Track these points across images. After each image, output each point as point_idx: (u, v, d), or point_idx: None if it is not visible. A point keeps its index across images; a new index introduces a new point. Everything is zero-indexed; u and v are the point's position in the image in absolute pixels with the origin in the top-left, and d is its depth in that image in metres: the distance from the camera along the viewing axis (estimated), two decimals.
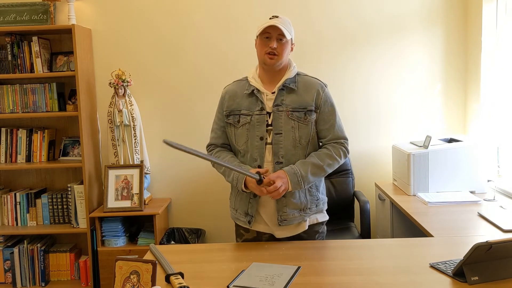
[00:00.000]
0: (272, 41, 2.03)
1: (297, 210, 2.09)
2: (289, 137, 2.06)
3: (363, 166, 3.41)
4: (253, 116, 2.08)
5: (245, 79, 2.18)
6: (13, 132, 3.34)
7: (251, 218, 2.12)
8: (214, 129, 2.25)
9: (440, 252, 1.90)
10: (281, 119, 2.06)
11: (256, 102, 2.09)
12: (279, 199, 2.06)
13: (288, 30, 2.05)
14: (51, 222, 3.35)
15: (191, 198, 3.52)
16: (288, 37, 2.04)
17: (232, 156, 2.16)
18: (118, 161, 3.24)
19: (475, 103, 3.24)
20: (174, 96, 3.45)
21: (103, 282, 3.19)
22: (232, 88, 2.20)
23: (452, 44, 3.35)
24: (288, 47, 2.09)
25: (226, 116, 2.16)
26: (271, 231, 2.14)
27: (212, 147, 2.25)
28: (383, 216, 3.13)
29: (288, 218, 2.08)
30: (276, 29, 2.02)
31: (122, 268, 1.57)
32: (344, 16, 3.34)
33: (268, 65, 2.07)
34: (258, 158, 2.07)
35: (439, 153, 2.83)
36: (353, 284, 1.64)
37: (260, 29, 2.04)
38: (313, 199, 2.14)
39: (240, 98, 2.13)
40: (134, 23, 3.39)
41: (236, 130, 2.13)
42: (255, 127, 2.07)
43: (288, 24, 2.08)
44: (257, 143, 2.07)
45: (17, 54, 3.22)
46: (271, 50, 2.03)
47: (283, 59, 2.07)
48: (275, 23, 2.01)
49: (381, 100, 3.39)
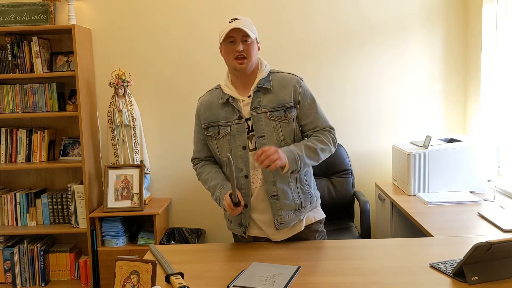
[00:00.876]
0: (238, 44, 1.96)
1: (292, 210, 2.04)
2: (272, 138, 2.00)
3: (363, 166, 3.41)
4: (232, 126, 2.02)
5: (218, 87, 2.12)
6: (13, 132, 3.34)
7: (245, 228, 2.08)
8: (195, 142, 2.18)
9: (440, 252, 1.90)
10: (262, 121, 2.00)
11: (233, 111, 2.02)
12: (273, 203, 2.01)
13: (251, 29, 1.98)
14: (51, 222, 3.35)
15: (191, 198, 3.52)
16: (252, 37, 1.98)
17: (216, 171, 2.11)
18: (118, 161, 3.24)
19: (475, 103, 3.24)
20: (174, 96, 3.45)
21: (103, 282, 3.19)
22: (206, 98, 2.14)
23: (452, 44, 3.35)
24: (255, 47, 2.02)
25: (205, 129, 2.09)
26: (268, 236, 2.10)
27: (197, 161, 2.20)
28: (383, 216, 3.13)
29: (285, 221, 2.03)
30: (239, 31, 1.94)
31: (122, 268, 1.57)
32: (344, 17, 3.34)
33: (240, 70, 2.00)
34: (244, 168, 2.01)
35: (439, 153, 2.83)
36: (353, 284, 1.64)
37: (223, 34, 1.95)
38: (306, 197, 2.09)
39: (216, 108, 2.06)
40: (134, 23, 3.40)
41: (217, 141, 2.06)
42: (236, 136, 2.02)
43: (250, 24, 2.00)
44: (240, 153, 2.01)
45: (17, 54, 3.22)
46: (239, 54, 1.96)
47: (253, 60, 2.00)
48: (236, 26, 1.93)
49: (381, 100, 3.39)
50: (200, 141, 2.15)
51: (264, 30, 3.37)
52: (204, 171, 2.13)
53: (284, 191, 2.02)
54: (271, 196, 2.02)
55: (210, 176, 2.09)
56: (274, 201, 2.02)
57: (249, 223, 2.08)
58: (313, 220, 2.13)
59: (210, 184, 2.08)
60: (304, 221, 2.09)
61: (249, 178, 2.02)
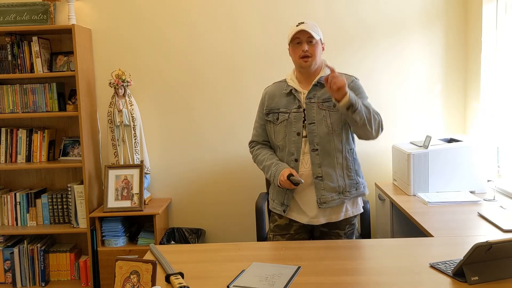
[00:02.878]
0: (303, 44, 2.19)
1: (336, 193, 2.23)
2: (322, 125, 2.21)
3: (363, 166, 3.33)
4: (290, 114, 2.25)
5: (283, 81, 2.36)
6: (13, 132, 3.34)
7: (286, 207, 2.29)
8: (255, 127, 2.44)
9: (440, 252, 1.90)
10: (313, 110, 2.22)
11: (294, 101, 2.26)
12: (317, 183, 2.20)
13: (316, 31, 2.20)
14: (51, 222, 3.35)
15: (191, 198, 3.52)
16: (317, 38, 2.20)
17: (272, 153, 2.34)
18: (118, 161, 3.24)
19: (475, 103, 3.24)
20: (174, 96, 3.45)
21: (103, 282, 3.19)
22: (271, 89, 2.39)
23: (452, 44, 3.35)
24: (319, 47, 2.25)
25: (266, 115, 2.34)
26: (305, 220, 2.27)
27: (254, 144, 2.45)
28: (383, 216, 3.13)
29: (327, 201, 2.22)
30: (304, 33, 2.18)
31: (122, 268, 1.57)
32: (343, 17, 3.34)
33: (305, 68, 2.23)
34: (295, 152, 2.23)
35: (439, 153, 2.83)
36: (353, 284, 1.64)
37: (290, 36, 2.21)
38: (352, 182, 2.27)
39: (279, 97, 2.31)
40: (134, 23, 3.40)
41: (275, 127, 2.31)
42: (292, 123, 2.24)
43: (315, 27, 2.22)
44: (294, 138, 2.24)
45: (17, 54, 3.23)
46: (304, 53, 2.19)
47: (317, 59, 2.23)
48: (301, 28, 2.17)
49: (381, 100, 3.39)
50: (261, 126, 2.40)
51: (263, 31, 3.38)
52: (261, 153, 2.37)
53: (329, 174, 2.22)
54: (316, 177, 2.22)
55: (266, 157, 2.32)
56: (318, 182, 2.22)
57: (291, 204, 2.29)
58: (350, 215, 2.32)
59: (266, 163, 2.30)
60: (343, 213, 2.28)
61: (299, 162, 2.23)
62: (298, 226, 2.32)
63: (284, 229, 2.34)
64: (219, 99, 3.44)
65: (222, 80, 3.43)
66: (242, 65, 3.40)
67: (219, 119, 3.45)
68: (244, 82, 3.40)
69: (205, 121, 3.46)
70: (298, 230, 2.33)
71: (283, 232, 2.35)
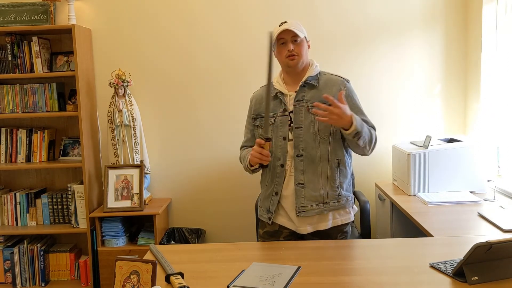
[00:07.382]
0: (288, 44, 2.13)
1: (316, 202, 2.15)
2: (309, 131, 2.13)
3: (363, 166, 3.41)
4: (277, 118, 2.18)
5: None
6: (13, 132, 3.34)
7: (271, 215, 2.23)
8: (245, 132, 2.40)
9: (440, 252, 1.90)
10: (302, 113, 2.14)
11: (280, 104, 2.19)
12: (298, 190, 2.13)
13: (300, 30, 2.14)
14: (51, 222, 3.35)
15: (191, 198, 3.52)
16: (301, 36, 2.14)
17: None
18: (118, 161, 3.24)
19: (475, 103, 3.24)
20: (174, 96, 3.45)
21: (103, 282, 3.19)
22: (258, 93, 2.35)
23: (452, 44, 3.35)
24: (305, 45, 2.19)
25: (253, 119, 2.29)
26: (294, 227, 2.20)
27: (244, 148, 2.40)
28: (383, 216, 3.13)
29: (306, 210, 2.14)
30: (288, 32, 2.12)
31: (122, 268, 1.57)
32: (344, 18, 3.34)
33: (292, 67, 2.16)
34: (281, 157, 2.16)
35: (439, 153, 2.83)
36: (353, 284, 1.64)
37: (274, 37, 2.14)
38: (334, 194, 2.18)
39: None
40: (134, 23, 3.40)
41: (262, 131, 2.21)
42: (279, 127, 2.18)
43: (298, 25, 2.16)
44: (280, 143, 2.17)
45: (17, 54, 3.23)
46: (290, 53, 2.13)
47: (303, 57, 2.17)
48: (285, 27, 2.11)
49: (381, 100, 3.39)
50: (250, 131, 2.35)
51: (266, 31, 3.37)
52: (244, 151, 2.34)
53: (311, 181, 2.14)
54: (298, 184, 2.15)
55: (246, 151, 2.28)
56: (299, 189, 2.14)
57: (277, 210, 2.22)
58: (339, 223, 2.21)
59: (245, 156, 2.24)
60: (330, 221, 2.18)
61: (285, 167, 2.17)
62: (287, 233, 2.23)
63: (273, 236, 2.27)
64: (219, 99, 3.44)
65: (222, 79, 3.43)
66: (242, 65, 3.40)
67: (219, 119, 3.45)
68: (245, 81, 3.40)
69: (205, 121, 3.46)
70: (287, 237, 2.24)
71: (272, 238, 2.27)
